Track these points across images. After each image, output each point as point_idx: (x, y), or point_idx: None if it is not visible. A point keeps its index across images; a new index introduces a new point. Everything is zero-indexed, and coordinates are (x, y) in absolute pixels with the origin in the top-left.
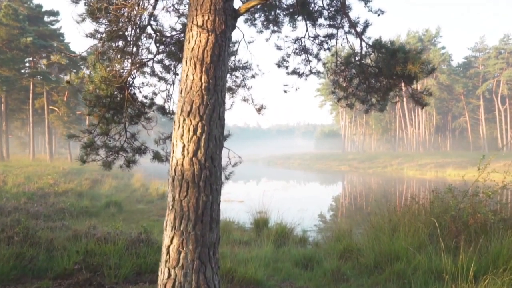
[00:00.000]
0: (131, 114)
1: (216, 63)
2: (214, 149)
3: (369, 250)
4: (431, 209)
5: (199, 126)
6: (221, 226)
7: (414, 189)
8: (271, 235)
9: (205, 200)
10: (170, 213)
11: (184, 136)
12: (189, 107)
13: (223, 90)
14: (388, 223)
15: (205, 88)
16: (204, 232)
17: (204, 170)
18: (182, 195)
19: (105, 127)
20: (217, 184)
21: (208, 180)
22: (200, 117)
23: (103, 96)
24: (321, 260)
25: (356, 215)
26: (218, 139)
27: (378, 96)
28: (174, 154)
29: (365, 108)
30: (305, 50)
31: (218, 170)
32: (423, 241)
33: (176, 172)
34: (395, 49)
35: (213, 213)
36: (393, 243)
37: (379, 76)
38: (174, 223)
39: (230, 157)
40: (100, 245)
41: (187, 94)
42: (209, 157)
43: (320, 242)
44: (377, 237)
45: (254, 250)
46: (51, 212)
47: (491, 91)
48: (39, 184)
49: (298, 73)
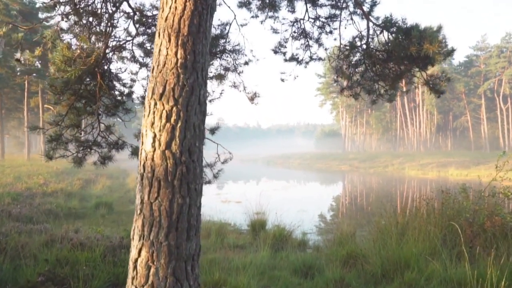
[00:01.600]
0: (107, 104)
1: (195, 35)
2: (192, 140)
3: (375, 256)
4: (442, 211)
5: (173, 111)
6: (216, 229)
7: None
8: (268, 239)
9: (180, 203)
10: (138, 219)
11: (155, 124)
12: (162, 89)
13: (205, 68)
14: (395, 226)
15: (181, 65)
16: (180, 242)
17: (180, 165)
18: (152, 197)
19: (76, 118)
20: (196, 183)
21: (184, 178)
22: (175, 100)
23: (71, 82)
24: (322, 268)
25: (359, 216)
26: (197, 128)
27: (386, 85)
28: (143, 146)
29: (371, 98)
30: (304, 34)
31: (198, 166)
32: (436, 247)
33: (145, 169)
34: (408, 27)
35: (191, 218)
36: (402, 249)
37: (388, 61)
38: (143, 232)
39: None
40: (74, 252)
41: (159, 73)
42: (185, 150)
43: (321, 246)
44: (383, 241)
45: (249, 255)
46: (34, 214)
47: (492, 90)
48: (28, 184)
49: (297, 60)
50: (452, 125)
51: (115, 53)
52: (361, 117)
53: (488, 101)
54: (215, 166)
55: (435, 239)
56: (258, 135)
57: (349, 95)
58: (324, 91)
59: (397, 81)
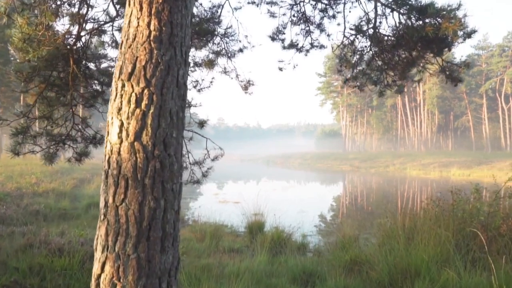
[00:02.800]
0: (83, 94)
1: (172, 2)
2: (168, 129)
3: (381, 263)
4: (453, 213)
5: (144, 94)
6: (211, 231)
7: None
8: (266, 242)
9: (153, 206)
10: (101, 226)
11: (122, 110)
12: (131, 67)
13: (184, 44)
14: (402, 229)
15: (155, 38)
16: (152, 255)
17: (152, 160)
18: (118, 199)
19: (46, 109)
20: (174, 182)
21: (158, 176)
22: (147, 81)
23: (40, 68)
24: (324, 275)
25: (362, 218)
26: (175, 115)
27: (395, 74)
28: (108, 137)
29: (378, 89)
30: (305, 18)
31: (176, 161)
32: (449, 253)
33: (110, 164)
34: (423, 5)
35: (166, 225)
36: (411, 254)
37: (398, 47)
38: (106, 242)
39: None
40: (51, 259)
41: (128, 48)
42: (159, 141)
43: (322, 250)
44: (390, 246)
45: (245, 260)
46: (20, 215)
47: (494, 89)
48: (19, 184)
49: (297, 47)
50: (453, 125)
51: (93, 36)
52: (361, 117)
53: (489, 101)
54: (204, 164)
55: (448, 244)
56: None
57: (354, 86)
58: (325, 90)
59: (408, 69)
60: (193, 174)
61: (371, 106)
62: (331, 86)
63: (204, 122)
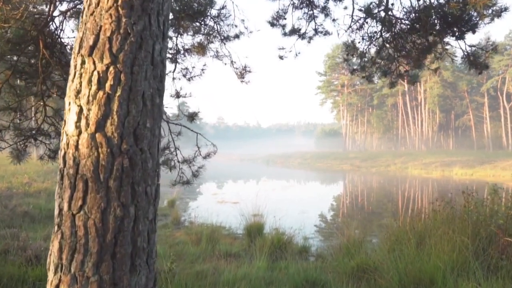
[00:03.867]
0: (58, 83)
1: None
2: (140, 118)
3: (391, 270)
4: (468, 215)
5: (110, 73)
6: (208, 233)
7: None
8: (265, 246)
9: (120, 215)
10: (55, 240)
11: (82, 92)
12: (93, 39)
13: (162, 12)
14: (412, 232)
15: (123, 3)
16: (119, 276)
17: (119, 157)
18: (74, 206)
19: (14, 99)
20: (148, 184)
21: (127, 177)
22: (113, 57)
23: (5, 52)
24: (328, 285)
25: (365, 219)
26: (150, 100)
27: (408, 63)
28: (65, 127)
29: (390, 80)
30: (308, 1)
31: (151, 158)
32: (466, 259)
33: (65, 162)
34: None
35: (138, 238)
36: (422, 260)
37: (413, 31)
38: (60, 260)
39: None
40: (24, 268)
41: (90, 15)
42: (129, 132)
43: (325, 254)
44: (399, 251)
45: (243, 266)
46: (7, 217)
47: (496, 88)
48: (11, 184)
49: (299, 33)
50: (454, 124)
51: (68, 19)
52: (362, 116)
53: (491, 100)
54: (194, 162)
55: (464, 249)
56: (258, 134)
57: (362, 77)
58: (325, 89)
59: (424, 56)
60: (182, 174)
61: (372, 105)
62: (331, 85)
63: (194, 114)
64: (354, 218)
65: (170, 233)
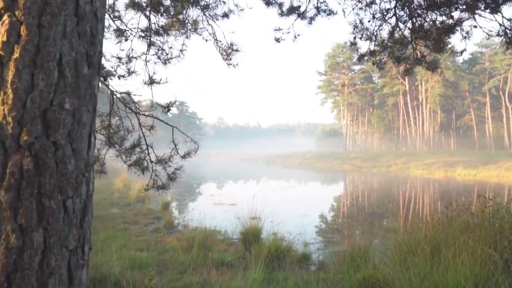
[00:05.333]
0: None
1: None
2: (54, 95)
3: (404, 286)
4: (490, 222)
5: (3, 23)
6: (200, 240)
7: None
8: (262, 254)
9: (17, 245)
10: None
11: None
12: None
13: None
14: (424, 241)
15: None
16: None
17: (16, 155)
18: None
19: None
20: (68, 196)
21: (29, 186)
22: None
23: None
24: None
25: (370, 223)
26: (72, 69)
27: (428, 45)
28: None
29: (405, 67)
30: None
31: (74, 157)
32: (489, 273)
33: None
34: None
35: (49, 280)
36: (440, 274)
37: (433, 7)
38: None
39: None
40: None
41: None
42: (33, 116)
43: (327, 263)
44: (412, 263)
45: (237, 278)
46: None
47: (497, 88)
48: None
49: (298, 12)
50: (456, 124)
51: None
52: (362, 116)
53: (493, 99)
54: (171, 163)
55: (489, 261)
56: (258, 134)
57: (373, 63)
58: (325, 89)
59: (446, 36)
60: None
61: (372, 105)
62: (331, 84)
63: (170, 105)
64: (359, 222)
65: (161, 238)
